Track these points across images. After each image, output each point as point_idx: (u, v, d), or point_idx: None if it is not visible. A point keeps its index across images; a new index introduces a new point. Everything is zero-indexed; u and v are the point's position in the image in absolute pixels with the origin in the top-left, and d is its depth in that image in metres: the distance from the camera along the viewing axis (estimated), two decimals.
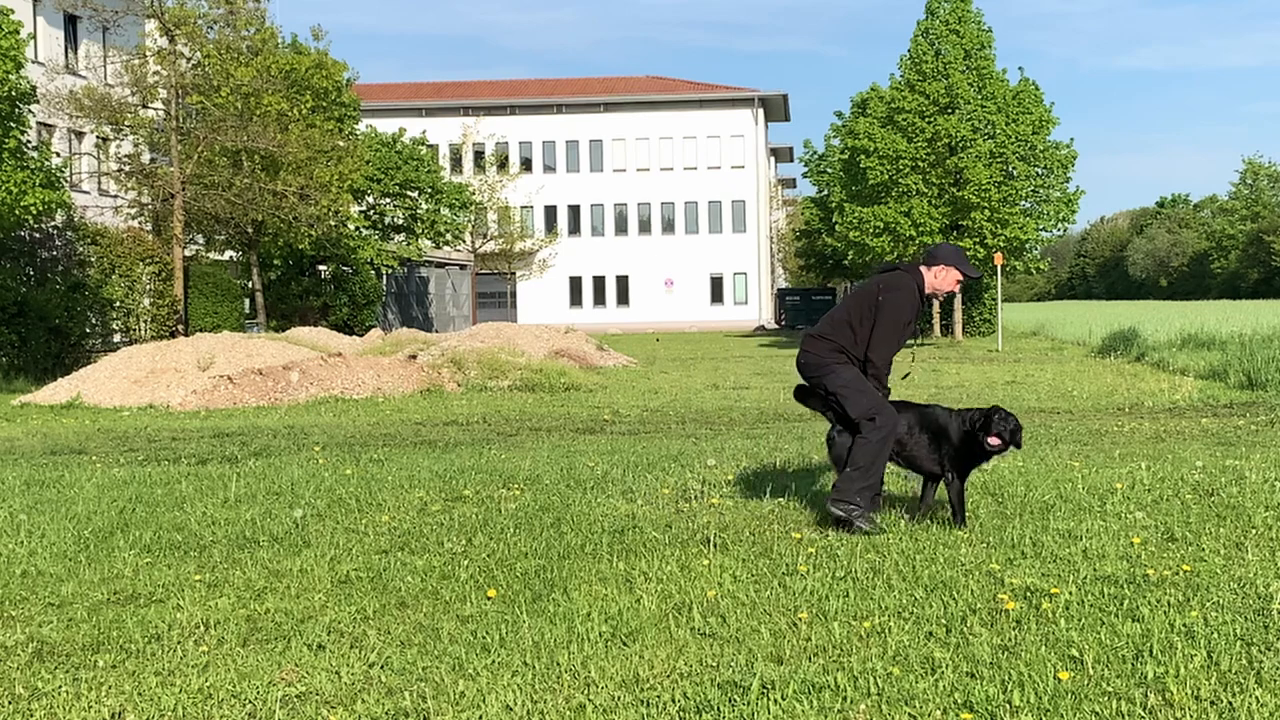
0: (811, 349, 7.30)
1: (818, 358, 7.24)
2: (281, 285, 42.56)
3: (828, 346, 7.23)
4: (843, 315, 7.29)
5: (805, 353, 7.35)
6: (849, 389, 7.11)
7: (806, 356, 7.33)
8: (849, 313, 7.26)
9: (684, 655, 4.72)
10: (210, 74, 33.24)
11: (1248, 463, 9.26)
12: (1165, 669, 4.40)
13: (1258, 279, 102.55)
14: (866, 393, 7.09)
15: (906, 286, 7.16)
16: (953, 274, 7.26)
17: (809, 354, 7.30)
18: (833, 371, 7.17)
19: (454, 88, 75.38)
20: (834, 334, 7.25)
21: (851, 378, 7.14)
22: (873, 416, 7.03)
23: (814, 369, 7.27)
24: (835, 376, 7.16)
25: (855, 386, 7.11)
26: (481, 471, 9.68)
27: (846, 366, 7.18)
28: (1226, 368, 19.64)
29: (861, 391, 7.09)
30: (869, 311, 7.14)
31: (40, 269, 27.99)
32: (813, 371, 7.29)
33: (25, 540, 7.23)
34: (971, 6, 39.43)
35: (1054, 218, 38.96)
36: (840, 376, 7.15)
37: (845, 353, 7.19)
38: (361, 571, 6.21)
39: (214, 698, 4.39)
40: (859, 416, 7.07)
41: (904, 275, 7.25)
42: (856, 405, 7.08)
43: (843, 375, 7.15)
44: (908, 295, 7.13)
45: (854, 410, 7.09)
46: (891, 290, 7.13)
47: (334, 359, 20.22)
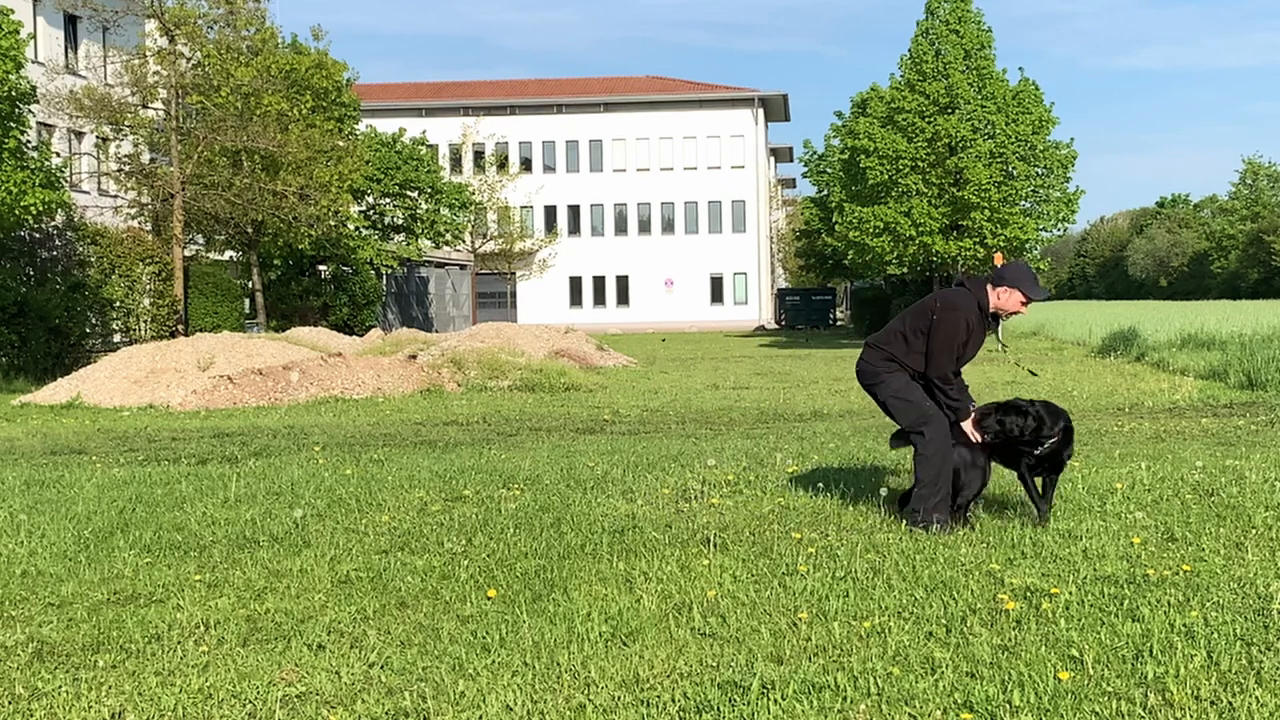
0: (867, 357, 7.41)
1: (871, 366, 7.34)
2: (281, 285, 42.56)
3: (881, 355, 7.30)
4: (899, 326, 7.34)
5: (862, 360, 7.46)
6: (897, 399, 7.19)
7: (862, 364, 7.43)
8: (905, 323, 7.30)
9: (684, 655, 4.72)
10: (210, 74, 33.24)
11: (1248, 463, 9.26)
12: (1165, 669, 4.40)
13: (1258, 279, 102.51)
14: (915, 403, 7.13)
15: (964, 306, 7.11)
16: (1016, 295, 7.15)
17: (865, 362, 7.41)
18: (883, 382, 7.25)
19: (454, 88, 75.38)
20: (888, 344, 7.31)
21: (900, 387, 7.19)
22: (921, 429, 7.07)
23: (868, 377, 7.37)
24: (884, 386, 7.24)
25: (904, 396, 7.17)
26: (481, 471, 9.68)
27: (896, 375, 7.22)
28: (1226, 368, 19.63)
29: (909, 401, 7.14)
30: (924, 326, 7.15)
31: (40, 269, 28.00)
32: (867, 379, 7.40)
33: (25, 540, 7.23)
34: (971, 6, 39.42)
35: (1054, 218, 38.95)
36: (889, 386, 7.22)
37: (896, 361, 7.22)
38: (361, 571, 6.21)
39: (214, 698, 4.39)
40: (908, 427, 7.16)
41: (965, 294, 7.20)
42: (905, 416, 7.17)
43: (891, 385, 7.21)
44: (963, 315, 7.07)
45: (902, 421, 7.20)
46: (948, 309, 7.11)
47: (334, 359, 20.22)
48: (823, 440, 11.71)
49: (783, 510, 7.64)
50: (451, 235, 51.25)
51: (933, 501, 6.96)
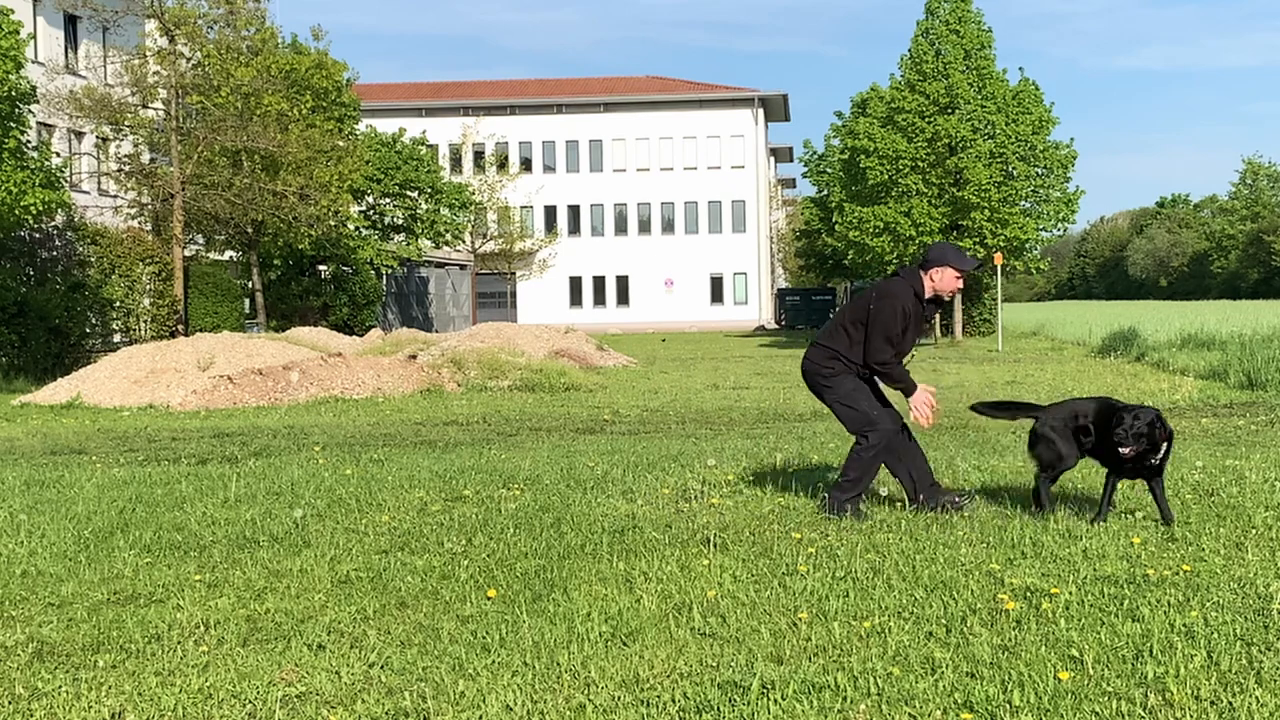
0: (812, 356, 7.52)
1: (817, 366, 7.46)
2: (281, 285, 42.57)
3: (826, 354, 7.44)
4: (840, 320, 7.51)
5: (807, 360, 7.58)
6: (843, 404, 7.38)
7: (808, 364, 7.56)
8: (845, 318, 7.47)
9: (684, 655, 4.72)
10: (210, 74, 33.24)
11: (1248, 463, 9.26)
12: (1165, 669, 4.40)
13: (1258, 279, 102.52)
14: (862, 410, 7.31)
15: (900, 294, 7.30)
16: (949, 272, 7.36)
17: (810, 361, 7.53)
18: (830, 386, 7.40)
19: (454, 88, 75.38)
20: (831, 341, 7.47)
21: (847, 392, 7.36)
22: (867, 433, 7.29)
23: (815, 378, 7.50)
24: (832, 390, 7.40)
25: (850, 403, 7.35)
26: (481, 471, 9.68)
27: (842, 378, 7.38)
28: (1226, 368, 19.64)
29: (855, 407, 7.33)
30: (863, 318, 7.32)
31: (40, 269, 28.00)
32: (814, 380, 7.52)
33: (25, 540, 7.23)
34: (971, 6, 39.43)
35: (1054, 218, 38.96)
36: (836, 390, 7.38)
37: (840, 358, 7.37)
38: (361, 571, 6.21)
39: (214, 698, 4.39)
40: (853, 432, 7.37)
41: (899, 283, 7.39)
42: (852, 421, 7.38)
43: (839, 389, 7.37)
44: (896, 305, 7.25)
45: (849, 425, 7.40)
46: (884, 298, 7.29)
47: (334, 359, 20.22)
48: (823, 440, 11.71)
49: (783, 510, 7.64)
50: (451, 235, 51.26)
51: (850, 495, 7.30)
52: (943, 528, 6.97)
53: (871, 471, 7.34)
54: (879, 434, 7.26)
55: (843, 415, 7.41)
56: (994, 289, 42.29)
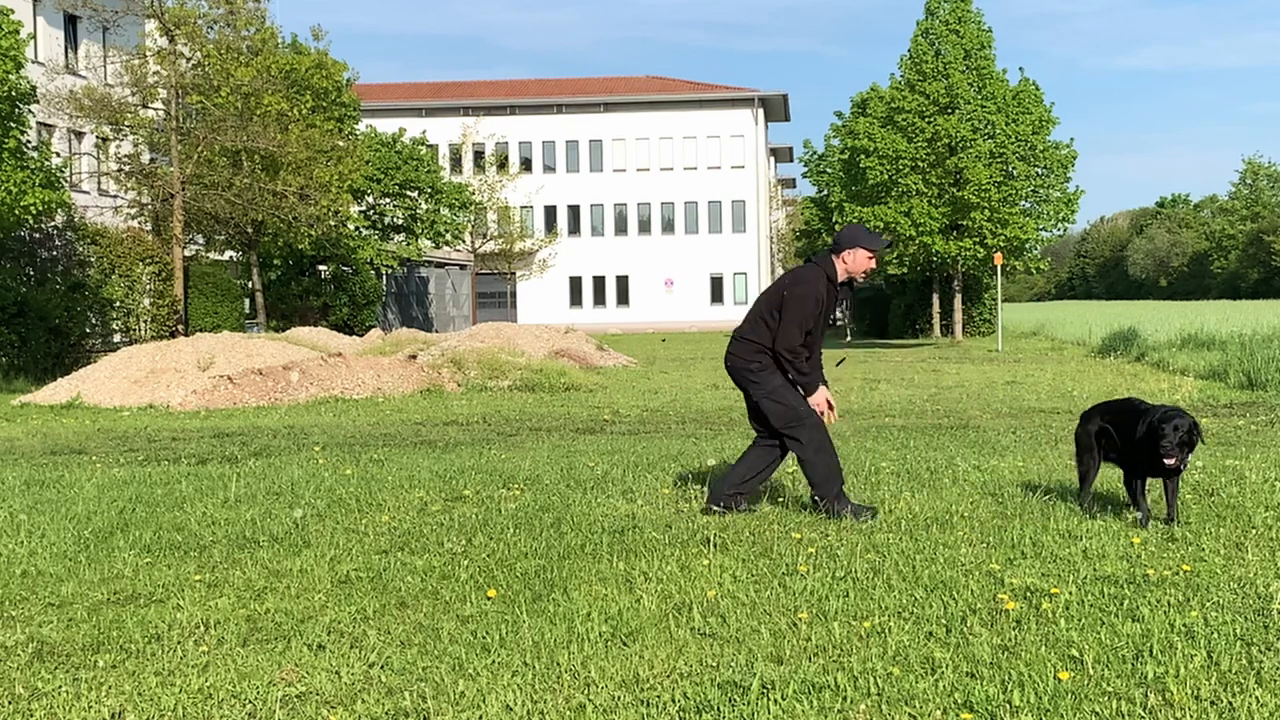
0: (737, 351, 7.48)
1: (744, 361, 7.43)
2: (281, 285, 42.57)
3: (751, 348, 7.40)
4: (758, 312, 7.47)
5: (730, 355, 7.53)
6: (771, 400, 7.35)
7: (732, 360, 7.52)
8: (762, 308, 7.45)
9: (684, 655, 4.72)
10: (210, 74, 33.24)
11: (1248, 463, 9.26)
12: (1165, 669, 4.40)
13: (1258, 279, 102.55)
14: (789, 405, 7.31)
15: (812, 280, 7.31)
16: (861, 253, 7.37)
17: (736, 357, 7.49)
18: (757, 382, 7.38)
19: (454, 88, 75.38)
20: (754, 334, 7.43)
21: (775, 388, 7.34)
22: (795, 433, 7.28)
23: (741, 374, 7.46)
24: (759, 387, 7.38)
25: (778, 398, 7.33)
26: (481, 471, 9.68)
27: (770, 373, 7.35)
28: (1226, 368, 19.64)
29: (783, 402, 7.32)
30: (778, 305, 7.32)
31: (40, 269, 28.00)
32: (740, 376, 7.47)
33: (25, 540, 7.23)
34: (971, 6, 39.44)
35: (1054, 218, 38.97)
36: (763, 387, 7.36)
37: (766, 351, 7.36)
38: (361, 571, 6.21)
39: (214, 698, 4.39)
40: (781, 429, 7.33)
41: (813, 269, 7.40)
42: (779, 418, 7.34)
43: (766, 385, 7.35)
44: (810, 290, 7.28)
45: (776, 422, 7.35)
46: (798, 284, 7.31)
47: (334, 359, 20.22)
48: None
49: (783, 510, 7.64)
50: (451, 235, 51.26)
51: (834, 492, 7.26)
52: (943, 528, 6.97)
53: (828, 463, 7.28)
54: (808, 430, 7.26)
55: (771, 410, 7.35)
56: (994, 289, 42.30)
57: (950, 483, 8.52)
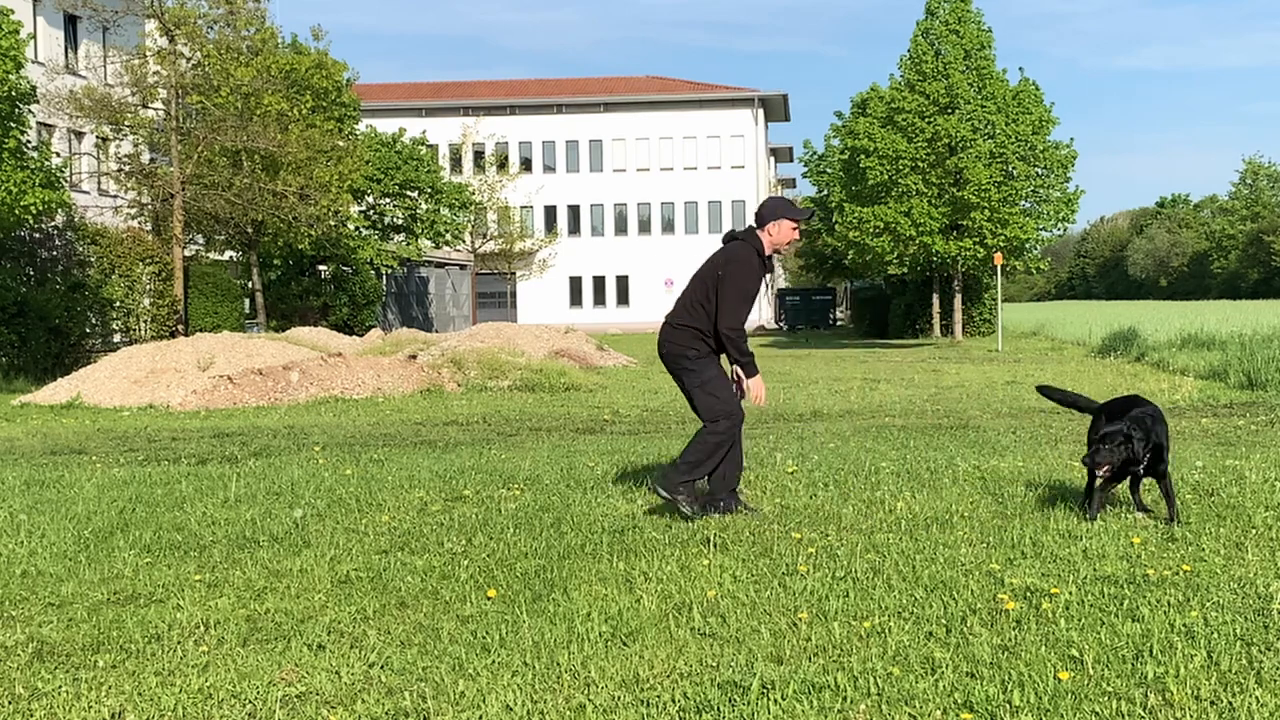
0: (673, 338, 7.42)
1: (680, 348, 7.37)
2: (281, 285, 42.57)
3: (689, 334, 7.35)
4: (692, 296, 7.40)
5: (666, 342, 7.46)
6: (704, 391, 7.32)
7: (670, 346, 7.44)
8: (697, 292, 7.37)
9: (684, 655, 4.72)
10: (210, 74, 33.24)
11: (1248, 463, 9.25)
12: (1165, 669, 4.40)
13: (1258, 279, 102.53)
14: (721, 399, 7.29)
15: (746, 256, 7.27)
16: (785, 224, 7.36)
17: (672, 344, 7.42)
18: (693, 370, 7.33)
19: (454, 88, 75.38)
20: (690, 319, 7.37)
21: (710, 378, 7.31)
22: (716, 420, 7.25)
23: (676, 360, 7.41)
24: (694, 375, 7.33)
25: (711, 390, 7.30)
26: (481, 471, 9.68)
27: (707, 362, 7.33)
28: (1226, 368, 19.65)
29: (716, 395, 7.30)
30: (714, 287, 7.26)
31: (40, 269, 28.00)
32: (674, 363, 7.43)
33: (25, 540, 7.23)
34: (971, 6, 39.45)
35: (1054, 218, 38.99)
36: (699, 375, 7.32)
37: (704, 338, 7.31)
38: (361, 571, 6.21)
39: (214, 698, 4.39)
40: (705, 418, 7.31)
41: (742, 245, 7.35)
42: (707, 408, 7.31)
43: (701, 374, 7.32)
44: (748, 266, 7.25)
45: (703, 411, 7.33)
46: (732, 262, 7.26)
47: (334, 359, 20.22)
48: (823, 440, 11.71)
49: (783, 510, 7.64)
50: (451, 235, 51.27)
51: (684, 478, 7.24)
52: (943, 528, 6.97)
53: (714, 457, 7.26)
54: (729, 424, 7.25)
55: (700, 401, 7.32)
56: (994, 289, 42.30)
57: (950, 483, 8.52)
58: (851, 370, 25.50)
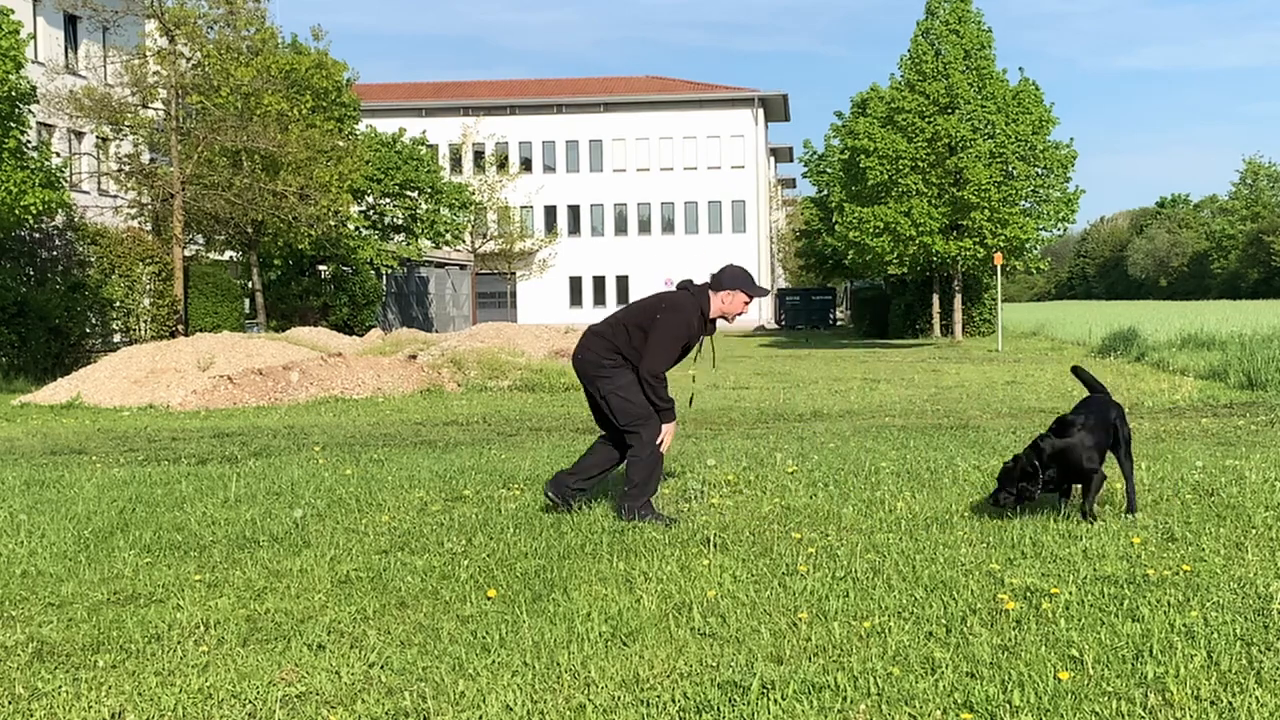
0: (592, 346, 7.42)
1: (596, 357, 7.36)
2: (281, 285, 42.57)
3: (606, 346, 7.35)
4: (624, 318, 7.41)
5: (584, 349, 7.45)
6: (619, 395, 7.27)
7: (587, 354, 7.42)
8: (630, 317, 7.38)
9: (684, 655, 4.72)
10: (210, 74, 33.25)
11: (1248, 463, 9.25)
12: (1165, 669, 4.40)
13: (1258, 279, 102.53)
14: (636, 403, 7.24)
15: (686, 310, 7.26)
16: (740, 296, 7.36)
17: (589, 351, 7.41)
18: (608, 376, 7.30)
19: (454, 88, 75.38)
20: (612, 335, 7.37)
21: (624, 384, 7.28)
22: (638, 430, 7.21)
23: (592, 367, 7.38)
24: (609, 380, 7.30)
25: (626, 395, 7.26)
26: (481, 471, 9.68)
27: (622, 371, 7.30)
28: (1226, 368, 19.65)
29: (632, 400, 7.25)
30: (646, 323, 7.26)
31: (40, 269, 28.00)
32: (590, 370, 7.39)
33: (25, 540, 7.23)
34: (971, 6, 39.45)
35: (1054, 218, 38.99)
36: (614, 381, 7.29)
37: (620, 354, 7.30)
38: (361, 571, 6.21)
39: (214, 698, 4.39)
40: (624, 425, 7.26)
41: (688, 298, 7.33)
42: (624, 414, 7.26)
43: (616, 380, 7.29)
44: (684, 319, 7.23)
45: (620, 419, 7.28)
46: (671, 310, 7.24)
47: (334, 359, 20.22)
48: (823, 440, 11.70)
49: (783, 510, 7.63)
50: (451, 235, 51.27)
51: (641, 500, 7.24)
52: (943, 528, 6.97)
53: (657, 472, 7.26)
54: (650, 429, 7.22)
55: (617, 406, 7.26)
56: (994, 289, 42.30)
57: (950, 483, 8.52)
58: (851, 370, 25.50)
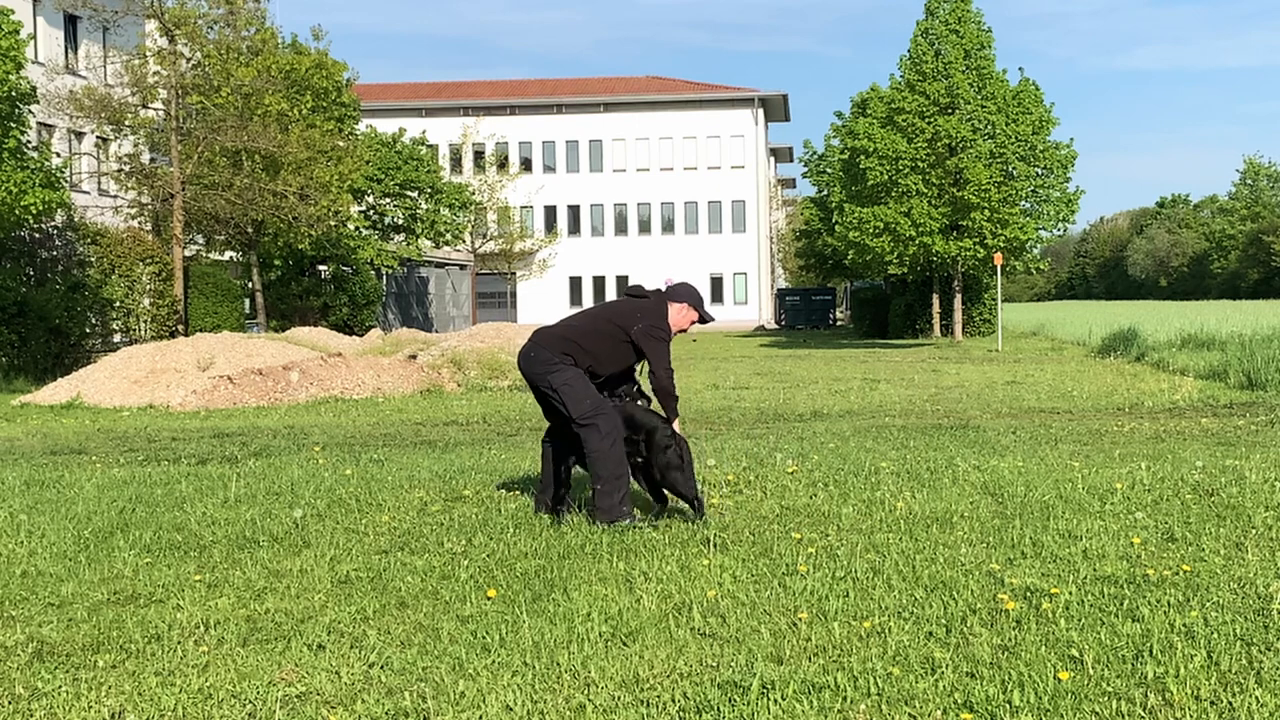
0: (545, 343, 7.37)
1: (548, 354, 7.31)
2: (281, 285, 42.55)
3: (559, 348, 7.31)
4: (587, 322, 7.41)
5: (536, 346, 7.39)
6: (570, 387, 7.23)
7: (537, 351, 7.37)
8: (595, 322, 7.38)
9: (684, 655, 4.72)
10: (210, 74, 33.24)
11: (1248, 463, 9.25)
12: (1165, 669, 4.40)
13: (1258, 279, 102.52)
14: (589, 394, 7.22)
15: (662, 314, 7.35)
16: (691, 314, 7.46)
17: (542, 349, 7.35)
18: (558, 370, 7.26)
19: (454, 88, 75.38)
20: (571, 334, 7.36)
21: (573, 376, 7.26)
22: (595, 421, 7.16)
23: (542, 365, 7.32)
24: (559, 375, 7.26)
25: (576, 387, 7.23)
26: (481, 471, 9.68)
27: (571, 367, 7.28)
28: (1226, 368, 19.66)
29: (583, 394, 7.22)
30: (618, 331, 7.27)
31: (40, 269, 28.00)
32: (538, 368, 7.34)
33: (25, 540, 7.23)
34: (971, 6, 39.43)
35: (1054, 218, 38.96)
36: (563, 375, 7.26)
37: (573, 356, 7.28)
38: (361, 571, 6.21)
39: (214, 698, 4.39)
40: (579, 417, 7.21)
41: (657, 304, 7.41)
42: (577, 405, 7.21)
43: (566, 373, 7.27)
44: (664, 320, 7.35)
45: (574, 410, 7.22)
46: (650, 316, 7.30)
47: (334, 359, 20.22)
48: (823, 440, 11.70)
49: (783, 510, 7.63)
50: (451, 235, 51.26)
51: (616, 497, 7.17)
52: (943, 528, 6.97)
53: (623, 463, 7.21)
54: (608, 420, 7.17)
55: (569, 397, 7.21)
56: (994, 289, 42.29)
57: (950, 483, 8.52)
58: (851, 370, 25.50)
